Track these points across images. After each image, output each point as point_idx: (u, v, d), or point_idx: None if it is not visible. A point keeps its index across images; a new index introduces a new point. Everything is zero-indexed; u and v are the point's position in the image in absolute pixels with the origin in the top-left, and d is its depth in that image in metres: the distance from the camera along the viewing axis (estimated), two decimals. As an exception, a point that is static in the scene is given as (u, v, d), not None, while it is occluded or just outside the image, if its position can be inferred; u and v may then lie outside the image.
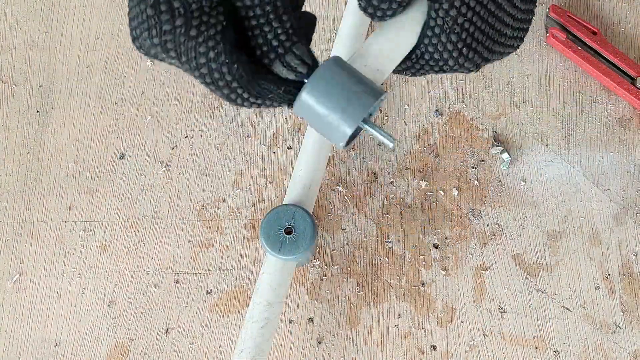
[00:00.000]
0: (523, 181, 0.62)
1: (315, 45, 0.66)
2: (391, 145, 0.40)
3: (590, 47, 0.65)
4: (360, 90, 0.39)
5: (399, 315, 0.59)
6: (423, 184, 0.62)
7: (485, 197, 0.62)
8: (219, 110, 0.65)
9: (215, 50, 0.36)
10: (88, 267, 0.61)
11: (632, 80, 0.63)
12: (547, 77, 0.65)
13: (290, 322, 0.59)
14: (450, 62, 0.40)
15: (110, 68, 0.66)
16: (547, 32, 0.65)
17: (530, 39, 0.66)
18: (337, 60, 0.39)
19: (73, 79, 0.66)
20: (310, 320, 0.59)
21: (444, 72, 0.42)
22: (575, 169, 0.63)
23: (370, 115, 0.41)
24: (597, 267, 0.60)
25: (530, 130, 0.64)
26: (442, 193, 0.62)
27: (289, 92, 0.39)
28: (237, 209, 0.62)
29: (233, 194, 0.63)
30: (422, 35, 0.40)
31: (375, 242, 0.61)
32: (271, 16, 0.36)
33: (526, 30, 0.43)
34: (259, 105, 0.39)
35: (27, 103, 0.65)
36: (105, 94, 0.65)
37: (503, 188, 0.62)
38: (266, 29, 0.37)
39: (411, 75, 0.43)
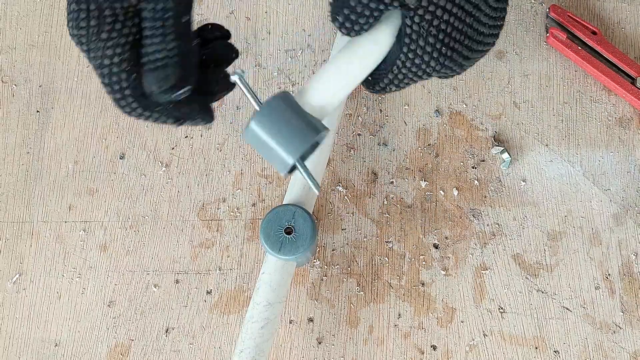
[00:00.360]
0: (523, 181, 0.62)
1: (316, 45, 0.66)
2: (316, 192, 0.45)
3: (590, 47, 0.65)
4: (301, 126, 0.41)
5: (399, 315, 0.59)
6: (423, 183, 0.62)
7: (485, 197, 0.62)
8: (219, 110, 0.65)
9: (121, 57, 0.39)
10: (88, 267, 0.61)
11: (632, 80, 0.63)
12: (547, 77, 0.65)
13: (290, 322, 0.59)
14: (432, 63, 0.41)
15: (110, 68, 0.66)
16: (547, 32, 0.65)
17: (530, 39, 0.66)
18: (285, 97, 0.42)
19: (73, 78, 0.66)
20: (311, 320, 0.59)
21: (429, 75, 0.42)
22: (576, 169, 0.63)
23: (312, 149, 0.44)
24: (597, 267, 0.60)
25: (530, 130, 0.64)
26: (442, 193, 0.62)
27: (176, 109, 0.42)
28: (237, 209, 0.62)
29: (233, 194, 0.63)
30: (401, 45, 0.41)
31: (375, 242, 0.61)
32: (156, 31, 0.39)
33: (501, 26, 0.43)
34: (146, 118, 0.42)
35: (27, 103, 0.65)
36: (105, 94, 0.65)
37: (503, 188, 0.62)
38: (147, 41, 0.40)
39: (396, 89, 0.44)
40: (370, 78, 0.44)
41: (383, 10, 0.39)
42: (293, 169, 0.43)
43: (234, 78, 0.43)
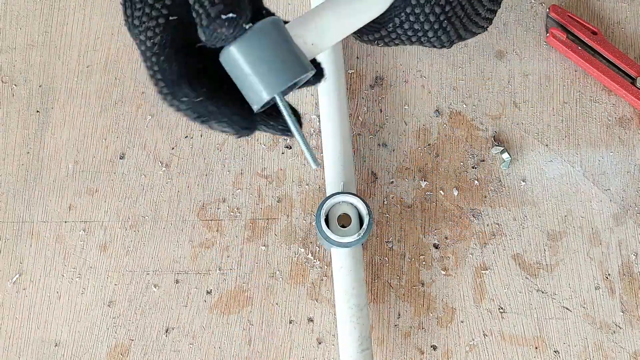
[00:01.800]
0: (523, 181, 0.62)
1: None
2: (314, 166, 0.40)
3: (590, 47, 0.65)
4: (289, 59, 0.37)
5: (399, 315, 0.59)
6: (423, 184, 0.62)
7: (485, 197, 0.62)
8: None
9: (152, 41, 0.38)
10: (88, 267, 0.61)
11: (632, 80, 0.63)
12: (547, 77, 0.65)
13: (290, 322, 0.59)
14: (430, 34, 0.41)
15: (110, 68, 0.66)
16: (547, 32, 0.65)
17: (530, 39, 0.66)
18: (275, 23, 0.38)
19: (73, 78, 0.66)
20: (310, 320, 0.59)
21: (420, 43, 0.42)
22: (576, 169, 0.63)
23: (291, 88, 0.40)
24: (597, 267, 0.60)
25: (530, 130, 0.64)
26: (442, 193, 0.62)
27: (202, 105, 0.39)
28: (237, 209, 0.62)
29: (233, 194, 0.62)
30: (405, 4, 0.40)
31: (375, 242, 0.61)
32: None
33: (495, 12, 0.44)
34: (176, 108, 0.39)
35: (27, 103, 0.65)
36: (105, 94, 0.65)
37: (503, 188, 0.62)
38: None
39: (382, 45, 0.43)
40: (362, 27, 0.42)
41: None
42: (267, 105, 0.39)
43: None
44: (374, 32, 0.42)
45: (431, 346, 0.58)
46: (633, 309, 0.59)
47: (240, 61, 0.37)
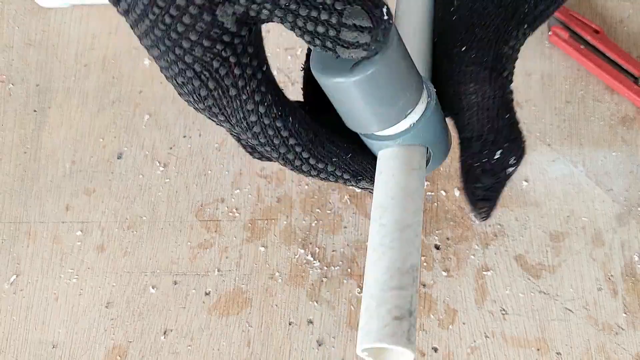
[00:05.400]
0: (525, 181, 0.62)
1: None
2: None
3: (593, 46, 0.64)
4: (414, 81, 0.31)
5: (400, 316, 0.59)
6: (424, 184, 0.62)
7: (486, 197, 0.61)
8: (217, 109, 0.64)
9: (265, 103, 0.29)
10: (85, 268, 0.60)
11: (635, 79, 0.63)
12: (549, 76, 0.64)
13: (289, 324, 0.59)
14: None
15: (108, 67, 0.65)
16: (549, 31, 0.65)
17: (532, 38, 0.65)
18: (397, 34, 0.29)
19: (70, 77, 0.65)
20: (310, 322, 0.59)
21: None
22: (578, 168, 0.62)
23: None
24: (599, 268, 0.60)
25: (532, 130, 0.63)
26: (444, 193, 0.61)
27: (355, 161, 0.33)
28: (236, 209, 0.62)
29: (232, 195, 0.62)
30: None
31: (375, 243, 0.60)
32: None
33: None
34: (319, 172, 0.32)
35: (24, 102, 0.65)
36: (102, 93, 0.65)
37: (505, 188, 0.61)
38: (303, 23, 0.27)
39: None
40: None
41: None
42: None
43: None
44: None
45: (432, 348, 0.58)
46: (636, 310, 0.58)
47: (372, 87, 0.29)
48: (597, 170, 0.62)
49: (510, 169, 0.37)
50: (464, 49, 0.34)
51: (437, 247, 0.60)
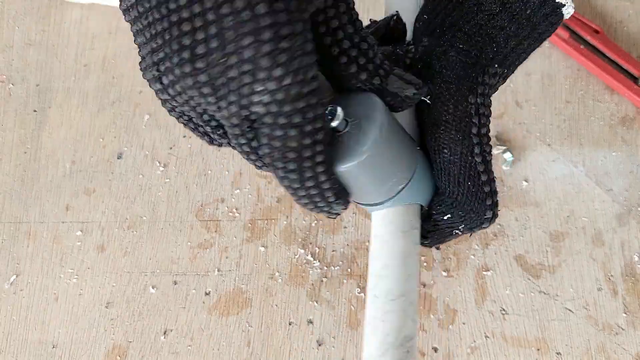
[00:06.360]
0: (525, 181, 0.62)
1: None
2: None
3: (593, 46, 0.64)
4: (407, 155, 0.32)
5: (400, 316, 0.59)
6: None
7: (486, 197, 0.61)
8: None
9: (330, 186, 0.31)
10: (85, 268, 0.60)
11: (635, 79, 0.63)
12: (549, 76, 0.64)
13: (289, 324, 0.59)
14: None
15: (108, 67, 0.65)
16: (549, 31, 0.65)
17: (532, 38, 0.65)
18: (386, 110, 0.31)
19: (70, 77, 0.65)
20: (310, 322, 0.59)
21: None
22: (578, 168, 0.62)
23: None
24: (599, 268, 0.60)
25: (532, 130, 0.63)
26: (444, 193, 0.61)
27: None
28: (236, 209, 0.62)
29: (232, 195, 0.62)
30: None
31: (375, 243, 0.60)
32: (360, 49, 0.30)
33: None
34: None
35: (24, 102, 0.65)
36: (102, 93, 0.65)
37: (505, 188, 0.62)
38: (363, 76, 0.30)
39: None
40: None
41: None
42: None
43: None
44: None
45: (432, 348, 0.58)
46: (636, 310, 0.58)
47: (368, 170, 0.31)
48: (597, 170, 0.62)
49: (459, 232, 0.35)
50: (427, 99, 0.33)
51: (437, 247, 0.60)
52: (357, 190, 0.32)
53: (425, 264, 0.60)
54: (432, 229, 0.36)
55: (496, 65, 0.32)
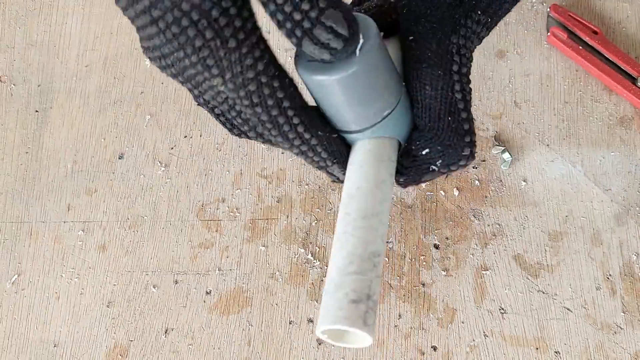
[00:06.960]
0: (524, 181, 0.62)
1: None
2: None
3: (591, 47, 0.64)
4: (392, 82, 0.32)
5: (399, 315, 0.59)
6: (423, 184, 0.62)
7: (486, 197, 0.62)
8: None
9: (264, 60, 0.29)
10: (87, 267, 0.61)
11: (634, 79, 0.63)
12: (548, 76, 0.65)
13: (290, 323, 0.59)
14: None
15: (109, 67, 0.66)
16: (548, 32, 0.65)
17: (531, 39, 0.66)
18: (377, 33, 0.31)
19: (72, 78, 0.66)
20: (310, 321, 0.59)
21: None
22: (577, 168, 0.62)
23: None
24: (598, 268, 0.60)
25: (531, 130, 0.63)
26: (443, 193, 0.62)
27: (334, 142, 0.34)
28: (236, 209, 0.62)
29: (232, 194, 0.62)
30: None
31: (375, 243, 0.61)
32: None
33: None
34: (302, 142, 0.32)
35: (25, 102, 0.65)
36: (104, 94, 0.65)
37: (504, 188, 0.62)
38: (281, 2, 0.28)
39: None
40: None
41: None
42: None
43: None
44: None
45: (431, 347, 0.58)
46: (634, 310, 0.59)
47: (352, 87, 0.30)
48: (595, 170, 0.62)
49: (436, 169, 0.36)
50: (411, 39, 0.34)
51: (436, 247, 0.60)
52: (345, 110, 0.31)
53: (424, 263, 0.60)
54: (410, 165, 0.36)
55: (479, 12, 0.34)
